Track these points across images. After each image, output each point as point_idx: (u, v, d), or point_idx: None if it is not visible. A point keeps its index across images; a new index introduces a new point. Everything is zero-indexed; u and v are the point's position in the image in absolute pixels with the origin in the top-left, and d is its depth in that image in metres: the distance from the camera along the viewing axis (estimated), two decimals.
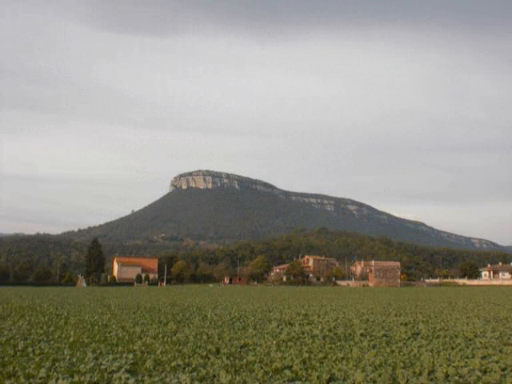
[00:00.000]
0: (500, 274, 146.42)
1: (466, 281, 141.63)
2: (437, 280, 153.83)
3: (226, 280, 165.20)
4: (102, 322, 17.44)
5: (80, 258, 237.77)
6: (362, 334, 13.61)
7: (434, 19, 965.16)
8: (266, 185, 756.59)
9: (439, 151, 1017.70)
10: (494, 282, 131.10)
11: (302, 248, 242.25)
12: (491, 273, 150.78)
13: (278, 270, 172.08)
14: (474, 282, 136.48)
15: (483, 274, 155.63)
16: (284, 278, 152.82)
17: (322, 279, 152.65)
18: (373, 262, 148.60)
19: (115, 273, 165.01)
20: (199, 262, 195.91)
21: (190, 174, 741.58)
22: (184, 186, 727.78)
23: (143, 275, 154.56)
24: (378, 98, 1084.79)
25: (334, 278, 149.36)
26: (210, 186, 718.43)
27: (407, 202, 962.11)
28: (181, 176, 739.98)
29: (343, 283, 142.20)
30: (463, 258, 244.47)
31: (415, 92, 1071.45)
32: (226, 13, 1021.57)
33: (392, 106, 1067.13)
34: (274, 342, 11.90)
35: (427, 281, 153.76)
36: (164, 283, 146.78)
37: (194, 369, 8.87)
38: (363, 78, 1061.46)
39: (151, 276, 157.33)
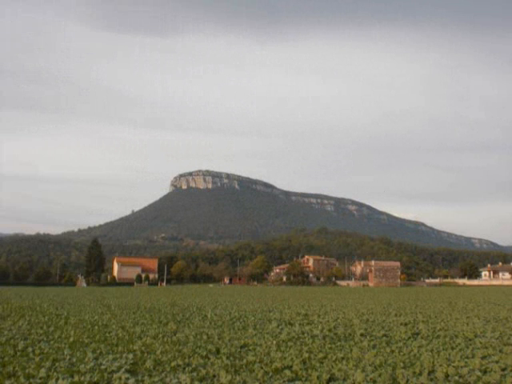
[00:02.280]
0: (500, 274, 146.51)
1: (466, 281, 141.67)
2: (437, 280, 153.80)
3: (226, 280, 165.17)
4: (102, 322, 17.44)
5: (80, 258, 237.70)
6: (362, 334, 13.61)
7: (434, 19, 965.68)
8: (265, 185, 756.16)
9: (439, 151, 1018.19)
10: (494, 282, 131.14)
11: (302, 248, 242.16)
12: (491, 273, 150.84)
13: (278, 270, 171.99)
14: (474, 282, 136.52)
15: (483, 274, 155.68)
16: (284, 278, 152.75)
17: (321, 279, 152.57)
18: (373, 262, 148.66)
19: (115, 273, 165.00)
20: (199, 261, 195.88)
21: (190, 174, 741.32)
22: (184, 186, 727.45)
23: (143, 275, 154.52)
24: (377, 98, 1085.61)
25: (334, 278, 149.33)
26: (209, 186, 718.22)
27: (407, 202, 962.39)
28: (181, 176, 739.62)
29: (343, 283, 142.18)
30: (463, 258, 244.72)
31: (415, 92, 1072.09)
32: (226, 13, 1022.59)
33: (392, 105, 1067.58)
34: (274, 342, 11.90)
35: (427, 281, 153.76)
36: (164, 283, 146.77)
37: (194, 369, 8.87)
38: (363, 78, 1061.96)
39: (151, 276, 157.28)
